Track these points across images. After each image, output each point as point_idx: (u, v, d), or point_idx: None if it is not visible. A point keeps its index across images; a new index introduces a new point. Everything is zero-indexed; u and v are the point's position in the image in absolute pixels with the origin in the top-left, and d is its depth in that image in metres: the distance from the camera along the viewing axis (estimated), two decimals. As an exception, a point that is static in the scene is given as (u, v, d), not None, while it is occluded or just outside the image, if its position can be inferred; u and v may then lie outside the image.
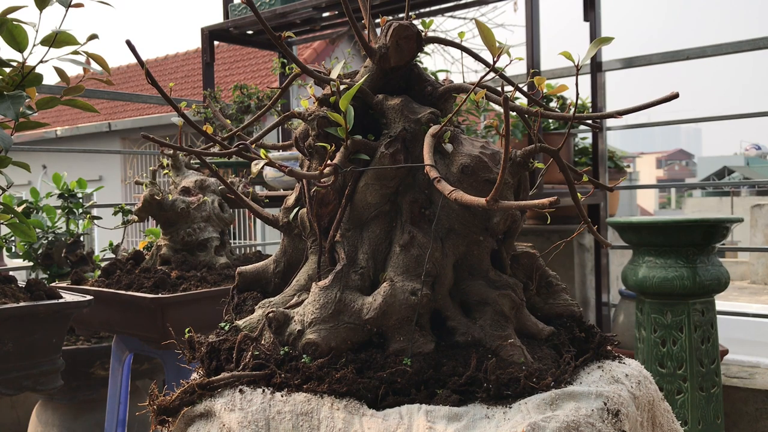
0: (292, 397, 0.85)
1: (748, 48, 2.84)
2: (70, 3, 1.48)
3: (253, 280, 1.13)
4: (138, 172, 10.96)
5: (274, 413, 0.84)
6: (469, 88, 1.07)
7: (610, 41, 0.87)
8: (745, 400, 2.67)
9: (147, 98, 3.92)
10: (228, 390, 0.88)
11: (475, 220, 0.98)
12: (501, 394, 0.85)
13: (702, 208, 18.95)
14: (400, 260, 0.96)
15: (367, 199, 0.98)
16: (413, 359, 0.88)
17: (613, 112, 0.91)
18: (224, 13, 3.64)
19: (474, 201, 0.79)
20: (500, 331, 0.94)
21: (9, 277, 1.68)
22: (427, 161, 0.89)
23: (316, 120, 0.99)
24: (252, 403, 0.85)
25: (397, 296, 0.91)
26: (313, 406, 0.84)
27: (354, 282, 0.95)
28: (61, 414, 2.44)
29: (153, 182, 2.05)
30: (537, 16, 2.72)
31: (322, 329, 0.91)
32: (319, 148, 1.02)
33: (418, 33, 1.02)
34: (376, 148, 0.99)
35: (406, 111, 1.00)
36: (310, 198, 1.01)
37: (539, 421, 0.80)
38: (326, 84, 1.06)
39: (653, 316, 2.32)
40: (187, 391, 0.89)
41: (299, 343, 0.91)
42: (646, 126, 3.55)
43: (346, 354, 0.90)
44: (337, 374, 0.86)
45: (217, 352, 0.96)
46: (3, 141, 1.42)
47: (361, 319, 0.92)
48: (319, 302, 0.93)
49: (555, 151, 0.91)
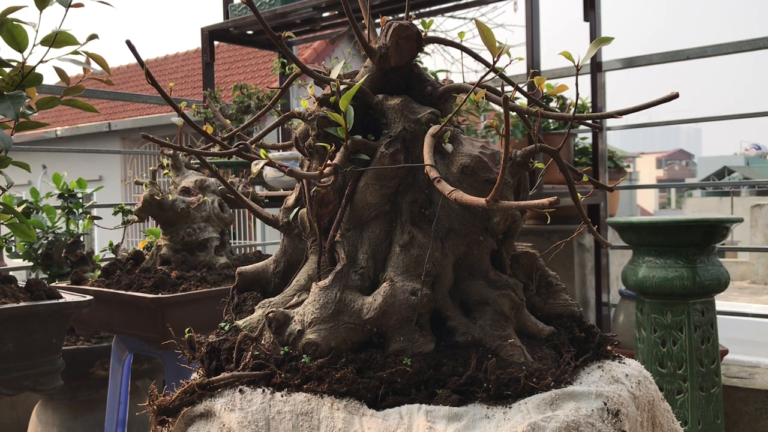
0: (292, 397, 0.85)
1: (748, 48, 2.84)
2: (70, 3, 1.48)
3: (253, 280, 1.13)
4: (138, 172, 10.96)
5: (274, 413, 0.84)
6: (469, 88, 1.07)
7: (609, 41, 0.87)
8: (745, 400, 2.67)
9: (147, 98, 3.92)
10: (228, 390, 0.88)
11: (475, 220, 0.98)
12: (501, 394, 0.85)
13: (702, 208, 18.95)
14: (400, 260, 0.96)
15: (367, 199, 0.99)
16: (413, 359, 0.88)
17: (614, 112, 0.91)
18: (224, 13, 3.64)
19: (474, 201, 0.79)
20: (500, 331, 0.94)
21: (9, 277, 1.68)
22: (427, 161, 0.89)
23: (316, 120, 1.00)
24: (252, 403, 0.85)
25: (397, 296, 0.91)
26: (313, 406, 0.84)
27: (354, 282, 0.95)
28: (61, 414, 2.44)
29: (153, 182, 2.05)
30: (537, 16, 2.72)
31: (322, 329, 0.91)
32: (319, 148, 1.02)
33: (418, 33, 1.02)
34: (376, 148, 0.99)
35: (406, 111, 1.00)
36: (310, 198, 1.01)
37: (539, 421, 0.80)
38: (326, 84, 1.06)
39: (653, 316, 2.32)
40: (187, 391, 0.89)
41: (299, 343, 0.92)
42: (646, 126, 3.55)
43: (346, 354, 0.90)
44: (337, 374, 0.86)
45: (217, 352, 0.96)
46: (3, 141, 1.42)
47: (361, 319, 0.92)
48: (319, 302, 0.93)
49: (555, 151, 0.91)
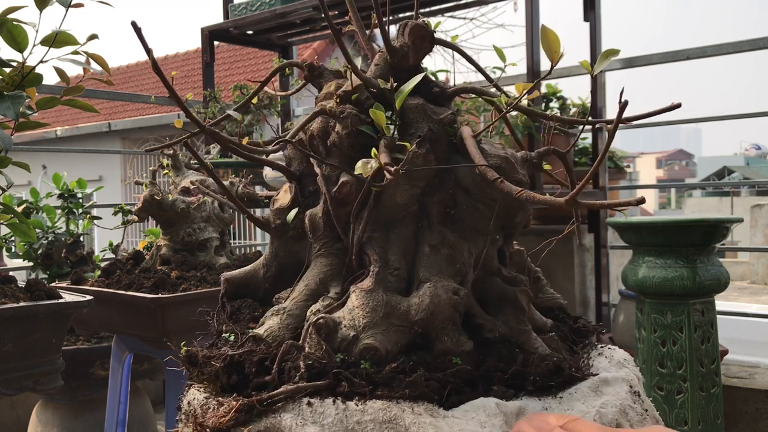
0: (368, 405, 0.80)
1: (748, 48, 2.84)
2: (70, 3, 1.48)
3: (241, 286, 1.09)
4: (138, 172, 10.96)
5: (353, 423, 0.79)
6: (478, 90, 1.08)
7: (617, 53, 0.88)
8: (745, 400, 2.67)
9: (147, 98, 3.92)
10: (290, 404, 0.81)
11: (497, 220, 1.00)
12: (545, 386, 0.88)
13: (702, 208, 18.95)
14: (432, 260, 0.96)
15: (396, 200, 0.97)
16: (459, 358, 0.89)
17: (619, 119, 0.93)
18: (224, 13, 3.64)
19: (550, 200, 0.77)
20: (522, 325, 0.97)
21: (9, 277, 1.68)
22: (478, 161, 0.89)
23: (350, 118, 0.98)
24: (325, 415, 0.79)
25: (441, 296, 0.91)
26: (395, 412, 0.79)
27: (391, 283, 0.94)
28: (61, 414, 2.44)
29: (153, 182, 2.05)
30: (537, 16, 2.72)
31: (377, 333, 0.88)
32: (345, 148, 0.99)
33: (432, 33, 1.04)
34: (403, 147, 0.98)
35: (428, 111, 1.00)
36: (332, 199, 0.98)
37: (599, 408, 0.85)
38: (325, 83, 1.06)
39: (653, 316, 2.32)
40: (241, 409, 0.80)
41: (354, 348, 0.88)
42: (646, 126, 3.55)
43: (399, 357, 0.88)
44: (409, 378, 0.83)
45: (239, 364, 0.88)
46: (3, 141, 1.42)
47: (409, 320, 0.90)
48: (369, 305, 0.90)
49: (563, 153, 0.95)
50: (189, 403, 0.90)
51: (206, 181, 2.13)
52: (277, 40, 3.83)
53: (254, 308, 1.06)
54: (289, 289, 1.08)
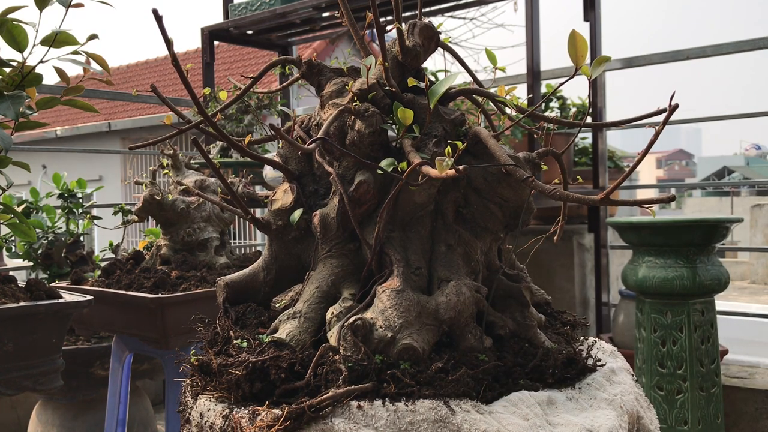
0: (417, 405, 0.80)
1: (748, 48, 2.84)
2: (70, 3, 1.48)
3: (242, 291, 1.07)
4: (138, 172, 10.96)
5: (406, 424, 0.79)
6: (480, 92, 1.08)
7: (609, 60, 0.91)
8: (745, 400, 2.67)
9: (147, 98, 3.92)
10: (338, 408, 0.80)
11: (504, 219, 1.02)
12: (563, 378, 0.92)
13: (702, 208, 18.95)
14: (449, 259, 0.97)
15: (415, 199, 0.97)
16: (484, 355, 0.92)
17: (616, 122, 0.96)
18: (224, 13, 3.64)
19: (584, 199, 0.78)
20: (529, 321, 0.99)
21: (9, 277, 1.68)
22: (504, 160, 0.90)
23: (375, 117, 0.97)
24: (377, 417, 0.79)
25: (466, 294, 0.92)
26: (445, 411, 0.80)
27: (415, 283, 0.94)
28: (61, 414, 2.44)
29: (153, 182, 2.05)
30: (537, 16, 2.72)
31: (413, 333, 0.88)
32: (364, 146, 0.98)
33: (438, 34, 1.06)
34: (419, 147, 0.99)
35: (441, 112, 1.01)
36: (349, 198, 0.97)
37: (621, 396, 0.91)
38: (326, 82, 1.06)
39: (653, 316, 2.32)
40: (290, 417, 0.79)
41: (392, 349, 0.87)
42: (645, 126, 3.54)
43: (432, 356, 0.88)
44: (453, 376, 0.83)
45: (264, 371, 0.86)
46: (3, 141, 1.42)
47: (438, 319, 0.91)
48: (402, 305, 0.89)
49: (559, 154, 0.98)
50: (202, 414, 0.87)
51: (206, 181, 2.13)
52: (277, 40, 3.83)
53: (259, 313, 1.04)
54: (287, 291, 1.08)
